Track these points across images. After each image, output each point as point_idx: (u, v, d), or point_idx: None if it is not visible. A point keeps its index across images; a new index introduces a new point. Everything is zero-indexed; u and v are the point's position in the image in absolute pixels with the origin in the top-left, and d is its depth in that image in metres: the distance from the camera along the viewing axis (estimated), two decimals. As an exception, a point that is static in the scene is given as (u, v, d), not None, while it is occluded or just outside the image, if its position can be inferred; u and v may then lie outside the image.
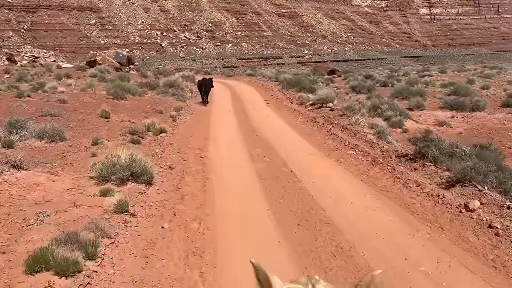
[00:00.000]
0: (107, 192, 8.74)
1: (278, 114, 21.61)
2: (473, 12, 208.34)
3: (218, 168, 11.70)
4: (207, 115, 21.03)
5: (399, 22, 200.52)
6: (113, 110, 18.61)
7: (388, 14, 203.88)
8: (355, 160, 12.22)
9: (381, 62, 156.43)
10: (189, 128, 17.46)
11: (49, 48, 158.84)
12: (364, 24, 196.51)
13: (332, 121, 17.45)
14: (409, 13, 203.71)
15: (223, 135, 16.35)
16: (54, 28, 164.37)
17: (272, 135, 16.07)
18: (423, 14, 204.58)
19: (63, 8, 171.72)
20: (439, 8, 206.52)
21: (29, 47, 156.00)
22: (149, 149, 13.18)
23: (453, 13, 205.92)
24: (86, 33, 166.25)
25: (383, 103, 18.53)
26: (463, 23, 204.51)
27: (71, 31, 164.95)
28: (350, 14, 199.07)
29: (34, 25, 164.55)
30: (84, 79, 33.37)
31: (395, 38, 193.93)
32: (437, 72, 43.70)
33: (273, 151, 13.62)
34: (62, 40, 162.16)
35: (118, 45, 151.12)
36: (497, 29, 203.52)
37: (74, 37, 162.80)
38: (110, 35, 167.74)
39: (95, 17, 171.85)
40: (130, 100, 21.79)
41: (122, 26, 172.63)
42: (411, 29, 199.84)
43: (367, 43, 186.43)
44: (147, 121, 17.05)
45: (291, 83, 30.15)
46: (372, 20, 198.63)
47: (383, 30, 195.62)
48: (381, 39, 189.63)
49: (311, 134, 16.31)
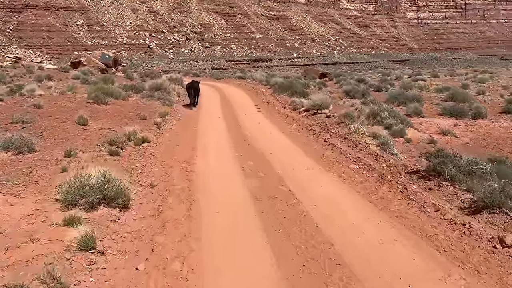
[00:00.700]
0: (72, 221, 7.23)
1: (271, 121, 20.22)
2: (460, 17, 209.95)
3: (207, 185, 10.24)
4: (195, 121, 19.54)
5: (387, 26, 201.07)
6: (92, 116, 17.02)
7: (376, 18, 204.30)
8: (359, 176, 10.86)
9: (369, 65, 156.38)
10: (175, 136, 15.95)
11: (35, 49, 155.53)
12: (353, 27, 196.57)
13: (329, 130, 16.10)
14: (397, 17, 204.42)
15: (212, 144, 14.88)
16: (41, 29, 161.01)
17: (265, 145, 14.66)
18: (411, 18, 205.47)
19: (50, 8, 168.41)
20: (427, 12, 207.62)
21: (15, 47, 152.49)
22: (128, 162, 11.67)
23: (440, 17, 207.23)
24: (74, 33, 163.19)
25: (383, 110, 17.24)
26: (449, 27, 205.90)
27: (58, 31, 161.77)
28: (338, 17, 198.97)
29: (20, 25, 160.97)
30: (66, 81, 31.64)
31: (383, 41, 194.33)
32: (429, 77, 42.80)
33: (267, 164, 12.21)
34: (49, 41, 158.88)
35: (106, 46, 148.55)
36: (483, 34, 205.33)
37: (61, 38, 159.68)
38: (97, 35, 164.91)
39: (82, 18, 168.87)
40: (112, 104, 20.20)
41: (110, 27, 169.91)
42: (399, 33, 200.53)
43: (355, 46, 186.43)
44: (128, 128, 15.51)
45: (283, 87, 28.82)
46: (361, 23, 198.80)
47: (371, 34, 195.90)
48: (369, 43, 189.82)
49: (307, 144, 14.93)
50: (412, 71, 62.35)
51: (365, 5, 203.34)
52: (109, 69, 54.61)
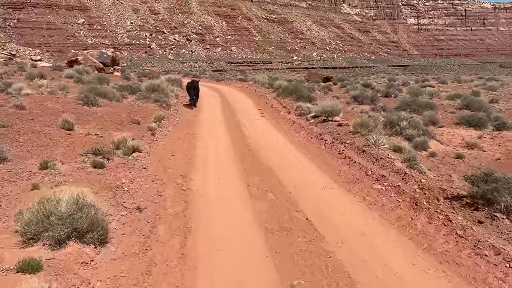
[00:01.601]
0: (28, 266, 5.41)
1: (276, 127, 18.43)
2: (460, 24, 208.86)
3: (205, 209, 8.43)
4: (193, 127, 17.72)
5: (387, 31, 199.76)
6: (80, 120, 15.18)
7: (377, 23, 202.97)
8: (387, 199, 9.06)
9: (369, 70, 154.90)
10: (171, 144, 14.12)
11: (35, 47, 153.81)
12: (353, 32, 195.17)
13: (343, 140, 14.29)
14: (397, 23, 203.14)
15: (212, 154, 13.06)
16: (41, 27, 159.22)
17: (272, 156, 12.85)
18: (411, 24, 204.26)
19: (51, 7, 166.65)
20: (427, 18, 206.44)
21: (15, 45, 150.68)
22: (114, 177, 9.83)
23: (440, 23, 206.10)
24: (74, 32, 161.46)
25: (402, 119, 15.45)
26: (449, 34, 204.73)
27: (59, 30, 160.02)
28: (339, 22, 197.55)
29: (20, 23, 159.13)
30: (59, 80, 29.79)
31: (383, 46, 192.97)
32: (437, 83, 41.10)
33: (276, 181, 10.39)
34: (49, 39, 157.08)
35: (106, 45, 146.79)
36: (483, 41, 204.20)
37: (61, 36, 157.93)
38: (98, 35, 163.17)
39: (83, 17, 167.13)
40: (104, 106, 18.35)
41: (111, 27, 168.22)
42: (399, 38, 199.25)
43: (355, 51, 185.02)
44: (119, 135, 13.68)
45: (288, 91, 27.01)
46: (361, 28, 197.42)
47: (372, 39, 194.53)
48: (370, 48, 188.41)
49: (319, 156, 13.13)
50: (417, 77, 60.61)
51: (366, 10, 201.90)
52: (106, 68, 52.77)
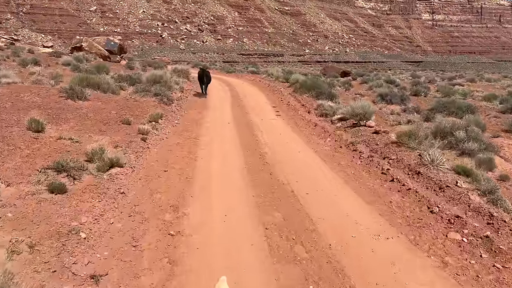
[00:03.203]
0: None
1: (295, 131, 15.19)
2: (475, 21, 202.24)
3: (200, 280, 5.28)
4: (197, 128, 14.53)
5: (401, 26, 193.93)
6: (56, 118, 12.09)
7: (391, 17, 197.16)
8: (479, 265, 5.84)
9: (382, 65, 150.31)
10: (166, 153, 10.95)
11: (47, 33, 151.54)
12: (367, 26, 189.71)
13: (384, 154, 11.01)
14: (412, 18, 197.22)
15: (217, 170, 9.88)
16: (54, 13, 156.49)
17: (296, 176, 9.64)
18: (426, 19, 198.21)
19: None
20: (442, 14, 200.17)
21: (27, 31, 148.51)
22: (73, 211, 6.72)
23: (455, 20, 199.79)
24: (86, 19, 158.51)
25: (458, 128, 12.13)
26: (464, 31, 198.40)
27: (71, 16, 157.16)
28: (353, 15, 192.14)
29: (33, 9, 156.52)
30: (55, 68, 26.75)
31: (396, 42, 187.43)
32: (465, 81, 37.37)
33: (305, 221, 7.19)
34: (61, 25, 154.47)
35: (118, 33, 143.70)
36: (498, 39, 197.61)
37: (73, 23, 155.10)
38: (110, 23, 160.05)
39: (96, 4, 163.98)
40: (92, 100, 15.21)
41: (123, 15, 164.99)
42: (413, 34, 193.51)
43: (368, 45, 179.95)
44: (100, 139, 10.59)
45: (306, 86, 23.70)
46: (375, 22, 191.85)
47: (385, 33, 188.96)
48: (383, 42, 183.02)
49: (357, 176, 9.88)
50: (441, 74, 56.61)
51: (380, 4, 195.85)
52: (113, 56, 49.67)
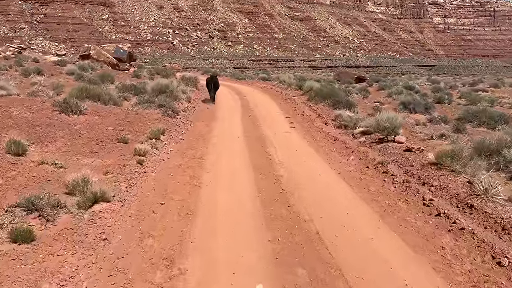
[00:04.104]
0: None
1: (313, 146, 13.47)
2: (488, 24, 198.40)
3: None
4: (203, 145, 12.88)
5: (413, 30, 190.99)
6: (43, 137, 10.57)
7: (402, 21, 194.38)
8: None
9: (394, 69, 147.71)
10: (165, 179, 9.29)
11: (60, 41, 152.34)
12: (377, 30, 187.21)
13: (423, 178, 9.20)
14: (423, 22, 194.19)
15: (224, 202, 8.18)
16: (67, 22, 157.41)
17: (320, 210, 7.90)
18: (437, 23, 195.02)
19: (76, 2, 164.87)
20: (454, 18, 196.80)
21: (41, 40, 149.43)
22: (38, 270, 5.11)
23: (468, 23, 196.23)
24: (98, 27, 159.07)
25: (504, 145, 10.29)
26: (477, 34, 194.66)
27: (83, 25, 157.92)
28: (363, 20, 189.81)
29: (47, 18, 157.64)
30: (58, 77, 25.44)
31: (408, 46, 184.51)
32: (489, 86, 35.25)
33: (338, 282, 5.46)
34: (74, 34, 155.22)
35: (130, 41, 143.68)
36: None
37: (86, 31, 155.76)
38: (122, 30, 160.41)
39: (108, 12, 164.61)
40: (89, 114, 13.68)
41: (135, 23, 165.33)
42: (425, 37, 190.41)
43: (379, 49, 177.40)
44: (88, 163, 9.03)
45: (321, 94, 21.96)
46: (386, 27, 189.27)
47: (396, 38, 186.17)
48: (394, 47, 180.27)
49: (393, 208, 8.11)
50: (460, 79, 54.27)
51: (391, 9, 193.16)
52: (122, 64, 48.58)
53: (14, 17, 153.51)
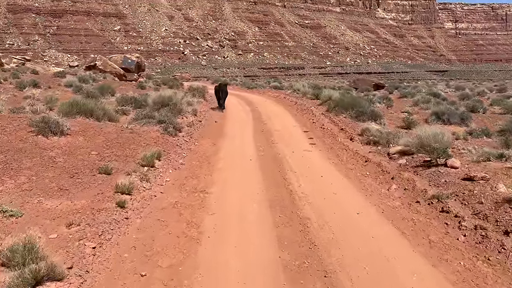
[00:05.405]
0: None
1: (341, 170, 10.93)
2: (500, 28, 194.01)
3: None
4: (207, 172, 10.39)
5: (424, 36, 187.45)
6: (4, 169, 8.23)
7: (413, 27, 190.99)
8: None
9: (406, 75, 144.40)
10: (152, 228, 6.82)
11: (73, 53, 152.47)
12: (388, 37, 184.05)
13: (503, 224, 6.61)
14: (434, 27, 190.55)
15: (232, 272, 5.70)
16: (79, 33, 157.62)
17: (372, 281, 5.39)
18: (449, 28, 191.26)
19: (89, 14, 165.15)
20: (465, 22, 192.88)
21: (54, 51, 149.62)
22: None
23: (479, 28, 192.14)
24: (110, 38, 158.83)
25: None
26: (489, 39, 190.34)
27: (96, 36, 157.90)
28: (374, 26, 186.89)
29: (59, 30, 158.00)
30: (56, 90, 23.36)
31: (419, 51, 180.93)
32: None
33: None
34: (86, 45, 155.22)
35: (141, 51, 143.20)
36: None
37: (98, 43, 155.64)
38: (133, 41, 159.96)
39: (119, 23, 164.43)
40: (72, 135, 11.31)
41: (146, 33, 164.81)
42: (436, 43, 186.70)
43: (390, 56, 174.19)
44: (51, 207, 6.65)
45: (342, 105, 19.42)
46: (396, 33, 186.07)
47: (407, 43, 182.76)
48: (405, 52, 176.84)
49: (473, 276, 5.56)
50: (495, 85, 51.07)
51: (402, 15, 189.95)
52: (130, 74, 46.65)
53: (28, 29, 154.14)
